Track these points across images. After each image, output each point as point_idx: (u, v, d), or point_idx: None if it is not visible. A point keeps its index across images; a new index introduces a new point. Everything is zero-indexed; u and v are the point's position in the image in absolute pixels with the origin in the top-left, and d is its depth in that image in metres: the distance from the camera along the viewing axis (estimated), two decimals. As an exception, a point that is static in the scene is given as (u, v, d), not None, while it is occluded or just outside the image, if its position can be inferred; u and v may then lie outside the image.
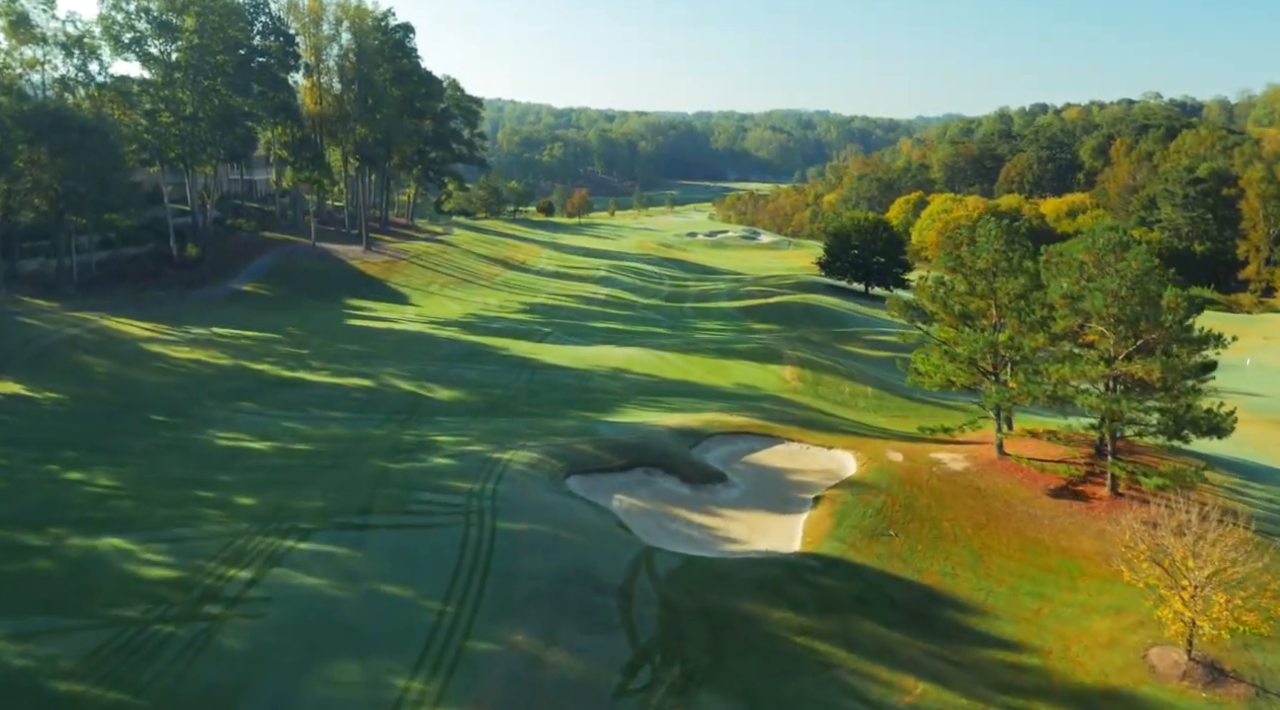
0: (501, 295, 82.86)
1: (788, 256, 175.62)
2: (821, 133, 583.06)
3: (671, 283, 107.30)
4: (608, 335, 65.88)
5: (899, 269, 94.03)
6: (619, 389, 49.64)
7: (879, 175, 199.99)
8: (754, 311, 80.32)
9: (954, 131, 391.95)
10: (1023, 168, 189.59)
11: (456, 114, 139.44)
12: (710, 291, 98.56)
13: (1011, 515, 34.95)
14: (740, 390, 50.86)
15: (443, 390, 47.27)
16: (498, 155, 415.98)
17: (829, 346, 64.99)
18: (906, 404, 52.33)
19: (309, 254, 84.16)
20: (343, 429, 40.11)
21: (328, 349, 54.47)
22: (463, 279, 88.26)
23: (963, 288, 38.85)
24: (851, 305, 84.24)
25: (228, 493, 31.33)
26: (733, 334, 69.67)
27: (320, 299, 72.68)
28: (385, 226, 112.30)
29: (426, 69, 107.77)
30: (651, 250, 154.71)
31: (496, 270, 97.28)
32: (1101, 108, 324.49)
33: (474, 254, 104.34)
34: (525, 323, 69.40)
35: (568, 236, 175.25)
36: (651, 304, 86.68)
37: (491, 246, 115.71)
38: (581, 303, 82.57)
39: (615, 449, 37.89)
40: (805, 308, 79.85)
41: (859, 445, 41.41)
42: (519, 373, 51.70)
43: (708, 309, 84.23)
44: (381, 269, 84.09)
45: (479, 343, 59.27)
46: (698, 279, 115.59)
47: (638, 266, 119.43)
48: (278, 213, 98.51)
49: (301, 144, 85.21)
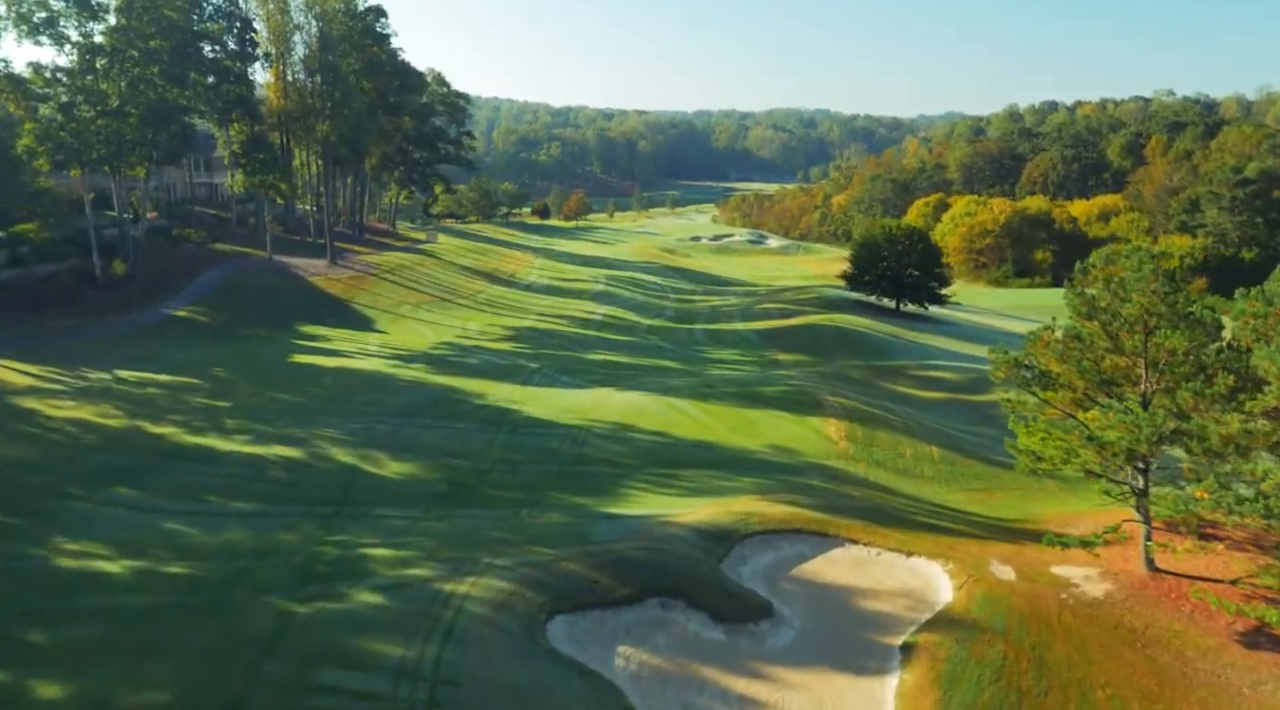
0: (484, 317, 71.85)
1: (798, 262, 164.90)
2: (824, 131, 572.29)
3: (677, 297, 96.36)
4: (607, 371, 54.91)
5: (935, 284, 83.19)
6: (622, 457, 38.70)
7: (893, 176, 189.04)
8: (776, 337, 69.35)
9: (963, 130, 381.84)
10: (1046, 168, 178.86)
11: (442, 110, 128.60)
12: (721, 309, 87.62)
13: (1193, 680, 24.06)
14: (775, 456, 39.94)
15: (391, 463, 36.31)
16: (493, 155, 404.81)
17: (873, 386, 54.05)
18: (984, 470, 41.43)
19: (262, 270, 73.16)
20: (243, 532, 29.20)
21: (255, 400, 43.47)
22: (440, 297, 77.23)
23: (1103, 344, 27.87)
24: (888, 328, 73.31)
25: (26, 670, 20.44)
26: (755, 368, 58.70)
27: (268, 325, 61.71)
28: (360, 234, 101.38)
29: (404, 60, 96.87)
30: (653, 257, 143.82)
31: (480, 285, 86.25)
32: (1117, 104, 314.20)
33: (456, 266, 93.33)
34: (509, 355, 58.43)
35: (563, 241, 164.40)
36: (656, 325, 75.71)
37: (478, 256, 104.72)
38: (576, 326, 71.58)
39: (618, 568, 27.00)
40: (836, 332, 68.88)
41: (948, 550, 30.50)
42: (494, 433, 40.72)
43: (721, 332, 73.26)
44: (346, 287, 73.06)
45: (449, 386, 48.27)
46: (705, 292, 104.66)
47: (639, 278, 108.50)
48: (234, 221, 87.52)
49: (255, 143, 74.18)
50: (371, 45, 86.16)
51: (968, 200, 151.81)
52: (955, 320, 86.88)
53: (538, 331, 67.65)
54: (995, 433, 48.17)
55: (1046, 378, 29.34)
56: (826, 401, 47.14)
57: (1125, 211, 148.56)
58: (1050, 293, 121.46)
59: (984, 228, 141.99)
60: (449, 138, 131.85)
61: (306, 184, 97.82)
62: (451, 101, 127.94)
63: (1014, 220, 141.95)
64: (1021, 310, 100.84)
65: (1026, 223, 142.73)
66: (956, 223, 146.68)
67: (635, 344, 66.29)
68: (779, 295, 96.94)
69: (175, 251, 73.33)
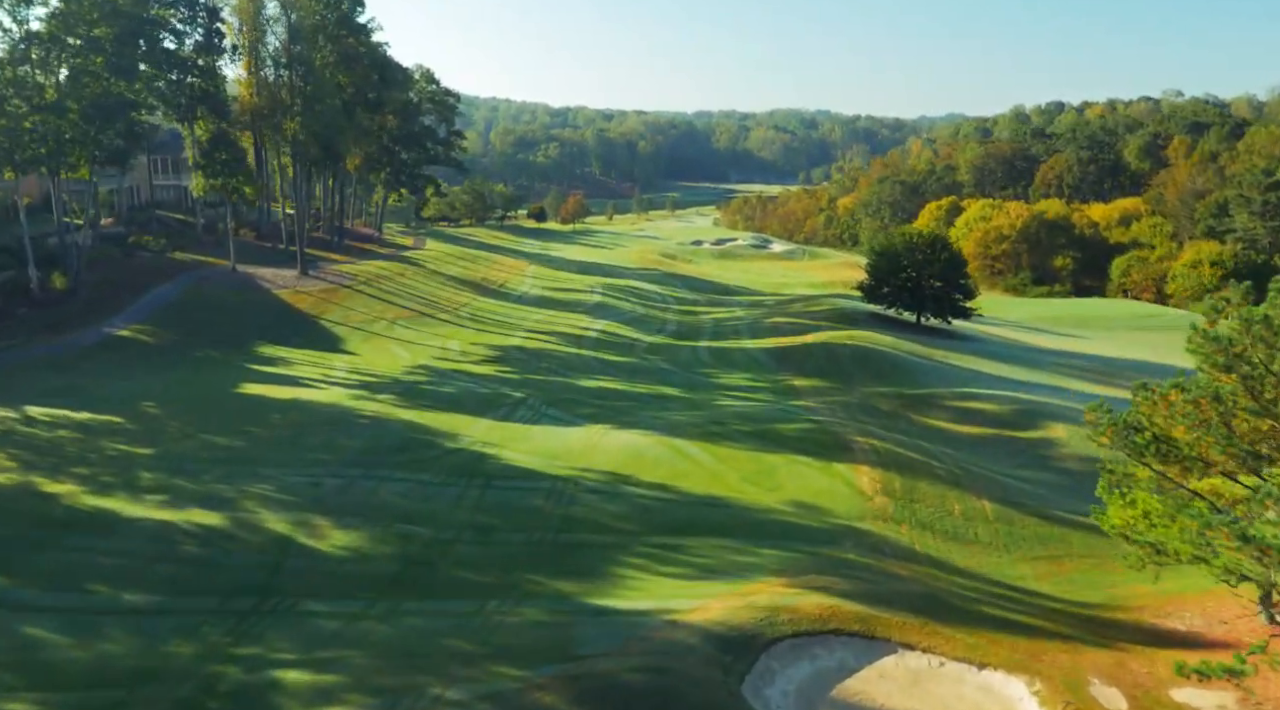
0: (467, 335, 65.20)
1: (804, 268, 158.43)
2: (825, 132, 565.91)
3: (679, 309, 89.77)
4: (602, 403, 48.24)
5: (959, 296, 76.58)
6: (617, 520, 32.09)
7: (902, 177, 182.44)
8: (790, 357, 62.70)
9: (968, 131, 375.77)
10: (1061, 170, 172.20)
11: (430, 109, 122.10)
12: (727, 322, 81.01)
13: None
14: (800, 516, 33.34)
15: (335, 532, 29.67)
16: (491, 155, 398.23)
17: (903, 419, 47.45)
18: (1047, 530, 34.80)
19: (224, 282, 66.54)
20: (126, 641, 22.63)
21: (185, 445, 36.82)
22: (421, 311, 70.56)
23: (1245, 403, 21.17)
24: (911, 346, 66.65)
25: None
26: (769, 396, 52.02)
27: (222, 346, 55.09)
28: (340, 241, 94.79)
29: (386, 53, 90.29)
30: (653, 263, 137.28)
31: (467, 297, 79.56)
32: (1127, 104, 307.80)
33: (442, 276, 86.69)
34: (491, 381, 51.78)
35: (560, 246, 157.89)
36: (657, 343, 69.08)
37: (466, 265, 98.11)
38: (568, 344, 64.91)
39: (610, 702, 20.42)
40: (855, 352, 62.23)
41: (1031, 659, 23.89)
42: (465, 487, 34.12)
43: (728, 351, 66.63)
44: (315, 301, 66.40)
45: (418, 424, 41.63)
46: (709, 303, 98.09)
47: (638, 286, 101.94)
48: (200, 227, 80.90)
49: (216, 142, 67.52)
50: (347, 36, 79.54)
51: (982, 204, 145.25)
52: (981, 335, 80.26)
53: (526, 352, 60.98)
54: (1050, 478, 41.75)
55: (1167, 446, 22.61)
56: (855, 443, 40.48)
57: (1146, 216, 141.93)
58: (1077, 303, 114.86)
59: (1000, 233, 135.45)
60: (438, 137, 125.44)
61: (284, 187, 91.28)
62: (441, 99, 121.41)
63: (1031, 225, 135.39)
64: (1050, 323, 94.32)
65: (1044, 227, 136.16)
66: (971, 227, 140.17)
67: (634, 366, 59.65)
68: (788, 307, 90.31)
69: (128, 262, 66.74)
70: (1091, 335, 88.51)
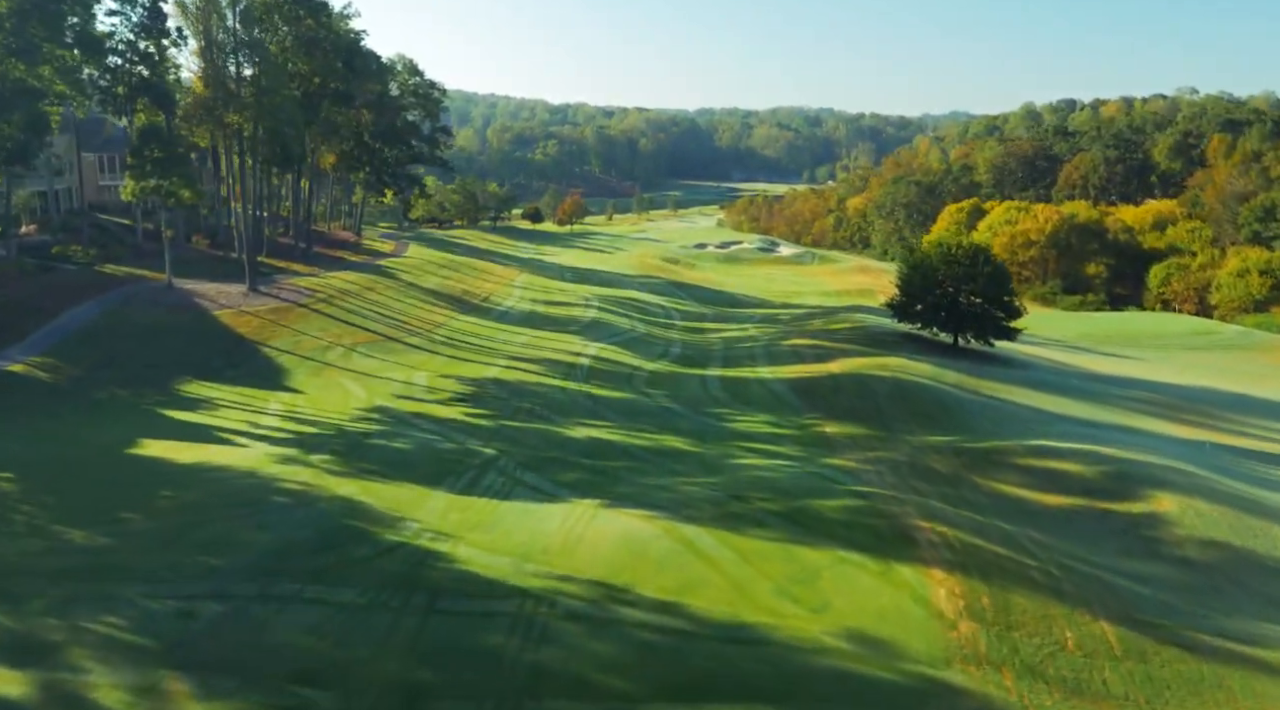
0: (438, 364, 55.86)
1: (814, 273, 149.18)
2: (830, 130, 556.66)
3: (684, 326, 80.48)
4: (592, 462, 38.88)
5: (1004, 315, 67.22)
6: (606, 674, 22.73)
7: (917, 178, 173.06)
8: (816, 393, 53.31)
9: (978, 129, 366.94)
10: (1086, 170, 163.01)
11: (414, 103, 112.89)
12: (740, 344, 71.66)
13: None
14: (860, 660, 24.00)
15: (194, 708, 20.37)
16: (488, 153, 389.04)
17: (968, 485, 38.10)
18: (1197, 669, 25.41)
19: (156, 301, 57.27)
20: None
21: (24, 544, 27.38)
22: (387, 335, 61.22)
23: None
24: (956, 375, 57.26)
25: None
26: (797, 451, 42.59)
27: (135, 384, 45.80)
28: (308, 248, 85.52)
29: (357, 39, 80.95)
30: (655, 269, 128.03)
31: (444, 315, 70.20)
32: (1145, 101, 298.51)
33: (418, 289, 77.32)
34: (458, 431, 42.44)
35: (555, 250, 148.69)
36: (659, 371, 59.74)
37: (449, 274, 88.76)
38: (556, 375, 55.54)
39: None
40: (894, 388, 52.83)
41: None
42: (397, 615, 24.75)
43: (743, 383, 57.24)
44: (262, 324, 57.03)
45: (352, 503, 32.25)
46: (717, 317, 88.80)
47: (638, 298, 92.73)
48: (140, 234, 71.58)
49: (148, 138, 58.12)
50: (306, 18, 70.11)
51: (1006, 206, 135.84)
52: (1026, 358, 70.90)
53: (505, 387, 51.60)
54: (1169, 573, 32.40)
55: None
56: (919, 531, 31.09)
57: (1183, 219, 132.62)
58: (1123, 319, 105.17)
59: (1027, 237, 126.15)
60: (423, 134, 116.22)
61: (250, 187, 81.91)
62: (424, 93, 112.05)
63: (1061, 229, 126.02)
64: (1096, 341, 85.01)
65: (1075, 232, 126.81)
66: (995, 231, 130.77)
67: (633, 405, 50.22)
68: (806, 324, 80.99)
69: (45, 278, 57.50)
70: (1145, 356, 79.18)
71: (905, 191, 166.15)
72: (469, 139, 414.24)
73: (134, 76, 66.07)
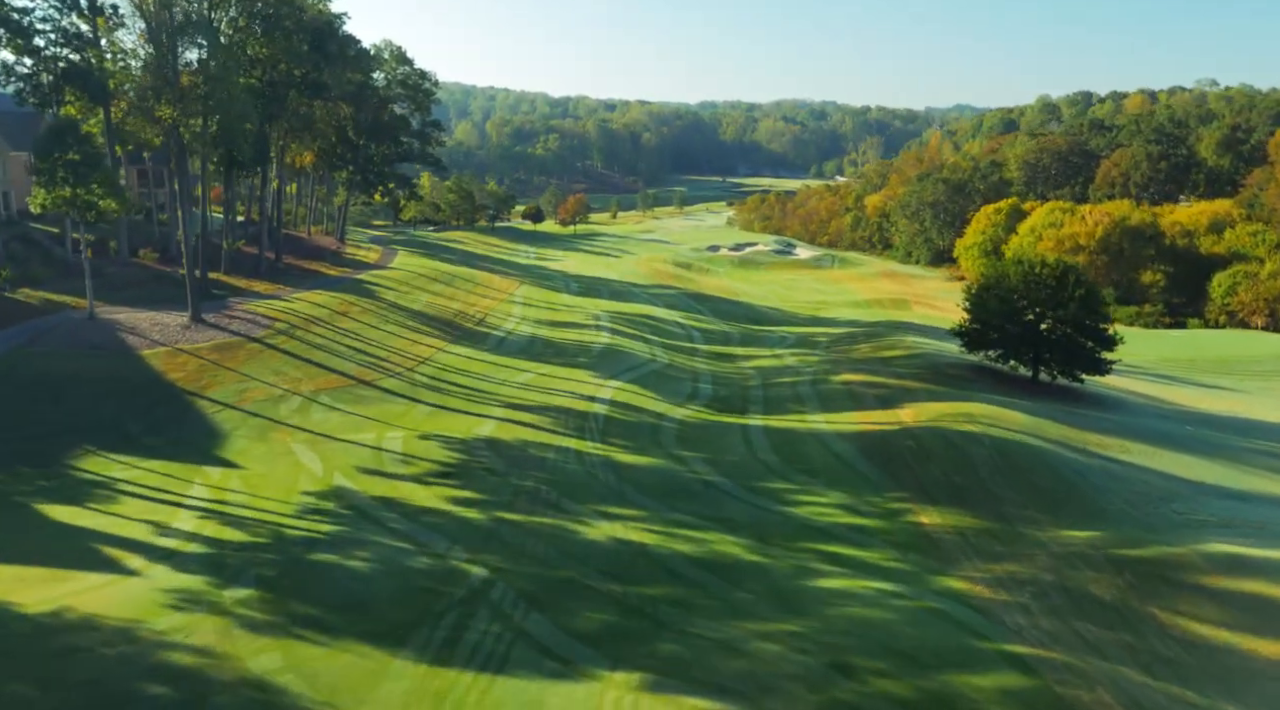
0: (418, 418, 44.92)
1: (837, 279, 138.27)
2: (836, 123, 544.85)
3: (709, 351, 69.65)
4: (623, 590, 27.97)
5: (1097, 346, 56.36)
6: None
7: (945, 175, 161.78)
8: (894, 459, 42.34)
9: (992, 122, 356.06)
10: (1127, 167, 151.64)
11: (403, 95, 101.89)
12: (779, 378, 60.76)
13: None
14: None
15: None
16: (487, 147, 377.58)
17: (1148, 625, 27.23)
18: None
19: (72, 338, 46.37)
20: None
21: None
22: (358, 377, 50.26)
23: None
24: (1057, 428, 46.27)
25: None
26: (898, 566, 31.60)
27: (18, 459, 34.96)
28: (275, 261, 74.63)
29: (329, 19, 69.89)
30: (667, 277, 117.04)
31: (431, 345, 59.23)
32: (1170, 94, 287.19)
33: (402, 311, 66.39)
34: (437, 533, 31.54)
35: (558, 254, 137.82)
36: (690, 420, 48.82)
37: (440, 289, 77.82)
38: (565, 431, 44.59)
39: None
40: (994, 450, 41.81)
41: None
42: None
43: (797, 439, 46.16)
44: (200, 368, 46.06)
45: (265, 689, 21.46)
46: (745, 338, 77.94)
47: (653, 315, 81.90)
48: (70, 249, 60.73)
49: (58, 137, 47.02)
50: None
51: (1050, 207, 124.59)
52: (1119, 395, 60.02)
53: (500, 452, 40.69)
54: None
55: None
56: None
57: (1240, 221, 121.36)
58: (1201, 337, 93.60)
59: (1075, 242, 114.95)
60: (412, 129, 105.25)
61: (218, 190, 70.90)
62: (414, 83, 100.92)
63: (1113, 233, 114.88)
64: (1184, 368, 74.05)
65: (1126, 236, 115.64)
66: (1038, 235, 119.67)
67: (666, 479, 39.28)
68: (850, 349, 70.17)
69: (-65, 308, 46.60)
70: (1245, 388, 68.28)
71: (932, 190, 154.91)
72: (468, 132, 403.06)
73: (61, 61, 55.19)
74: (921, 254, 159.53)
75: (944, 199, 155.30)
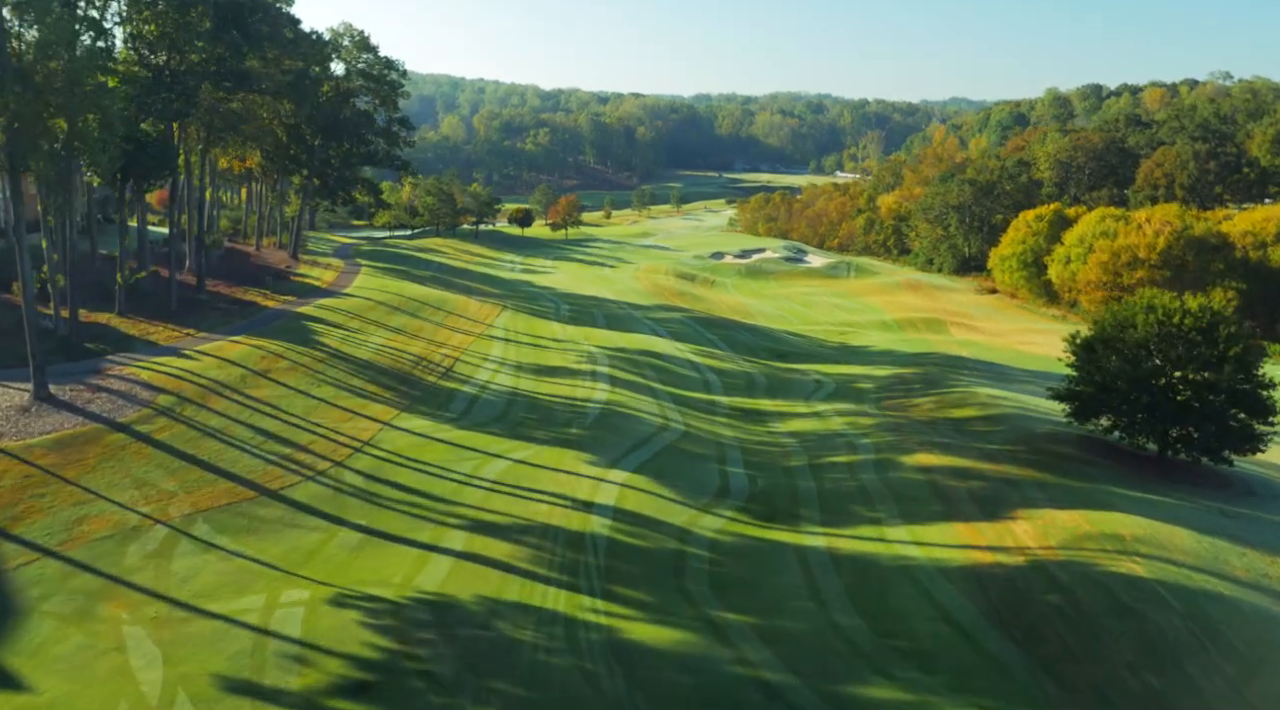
0: (334, 559, 30.88)
1: (856, 291, 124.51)
2: (834, 117, 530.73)
3: (732, 410, 55.93)
4: None
5: (1252, 415, 42.73)
6: None
7: (971, 176, 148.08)
8: (1022, 615, 28.56)
9: (1000, 116, 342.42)
10: (1172, 166, 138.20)
11: (366, 88, 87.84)
12: (826, 447, 47.01)
13: None
14: None
15: None
16: (474, 142, 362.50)
17: None
18: None
19: None
20: None
21: None
22: (260, 485, 36.07)
23: None
24: (1240, 555, 32.63)
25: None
26: None
27: None
28: (200, 288, 60.59)
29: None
30: (670, 294, 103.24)
31: (374, 419, 45.03)
32: (1192, 88, 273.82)
33: (345, 362, 52.26)
34: None
35: (547, 265, 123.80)
36: (724, 542, 34.99)
37: (401, 323, 63.80)
38: (549, 573, 30.62)
39: None
40: (1188, 616, 28.13)
41: None
42: None
43: (880, 575, 32.38)
44: (21, 483, 31.81)
45: None
46: (770, 385, 64.26)
47: (660, 352, 68.15)
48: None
49: None
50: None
51: (1100, 214, 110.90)
52: (1269, 477, 46.40)
53: (451, 635, 26.66)
54: None
55: None
56: None
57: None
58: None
59: (1133, 255, 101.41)
60: (376, 126, 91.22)
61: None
62: (378, 74, 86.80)
63: (1175, 244, 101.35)
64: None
65: (1190, 247, 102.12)
66: (1088, 246, 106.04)
67: (698, 680, 25.39)
68: (908, 404, 56.61)
69: None
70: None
71: (957, 192, 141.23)
72: (454, 126, 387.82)
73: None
74: (945, 261, 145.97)
75: (971, 200, 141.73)
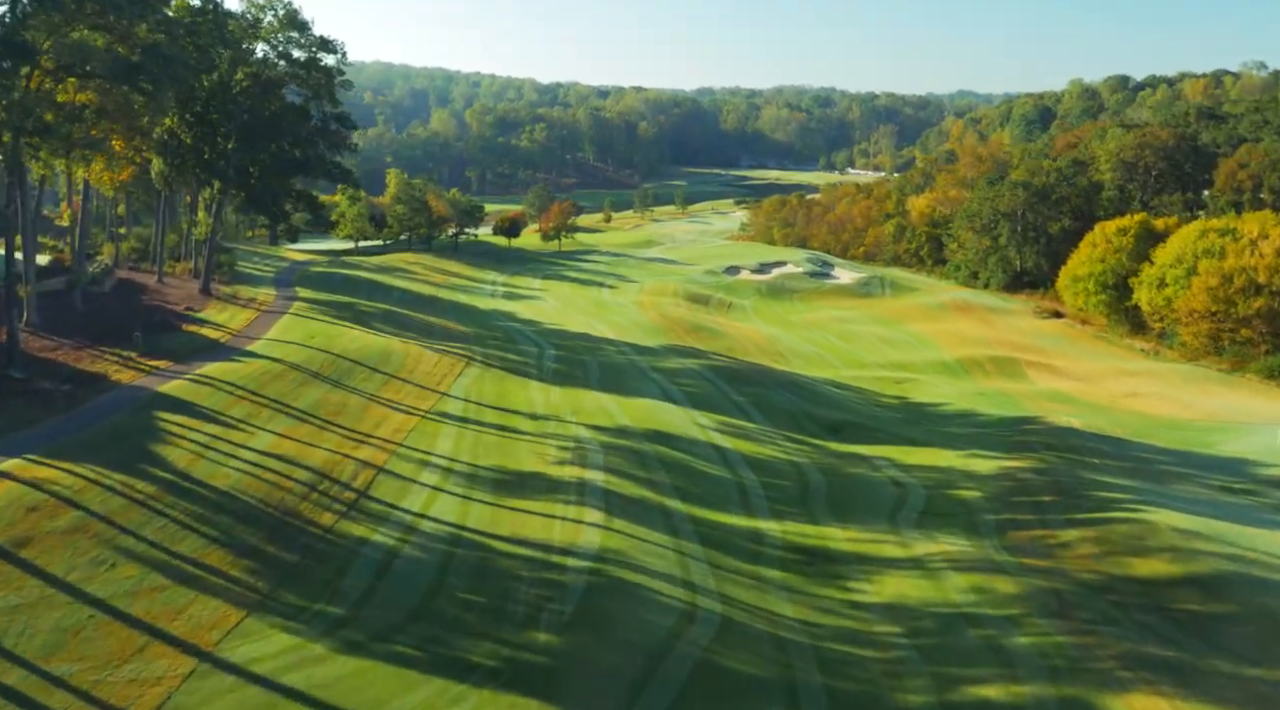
0: None
1: (899, 315, 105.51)
2: (843, 111, 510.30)
3: (785, 564, 37.25)
4: None
5: None
6: None
7: (1024, 177, 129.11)
8: None
9: (1025, 108, 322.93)
10: (1260, 167, 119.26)
11: (289, 73, 69.08)
12: (954, 654, 28.55)
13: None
14: None
15: None
16: (466, 139, 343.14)
17: None
18: None
19: None
20: None
21: None
22: None
23: None
24: None
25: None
26: None
27: None
28: (11, 350, 41.97)
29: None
30: (681, 328, 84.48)
31: (167, 659, 26.48)
32: (1236, 79, 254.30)
33: (181, 502, 33.48)
34: None
35: (534, 286, 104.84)
36: None
37: (312, 402, 44.95)
38: None
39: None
40: None
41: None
42: None
43: None
44: None
45: None
46: (831, 491, 45.64)
47: (673, 435, 49.55)
48: None
49: None
50: None
51: (1200, 227, 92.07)
52: None
53: None
54: None
55: None
56: None
57: None
58: None
59: (1250, 280, 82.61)
60: (313, 123, 72.41)
61: None
62: (309, 61, 68.16)
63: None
64: None
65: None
66: (1189, 266, 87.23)
67: None
68: (1046, 536, 38.04)
69: None
70: None
71: (1010, 196, 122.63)
72: (445, 122, 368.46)
73: None
74: (994, 276, 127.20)
75: (1024, 208, 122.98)
